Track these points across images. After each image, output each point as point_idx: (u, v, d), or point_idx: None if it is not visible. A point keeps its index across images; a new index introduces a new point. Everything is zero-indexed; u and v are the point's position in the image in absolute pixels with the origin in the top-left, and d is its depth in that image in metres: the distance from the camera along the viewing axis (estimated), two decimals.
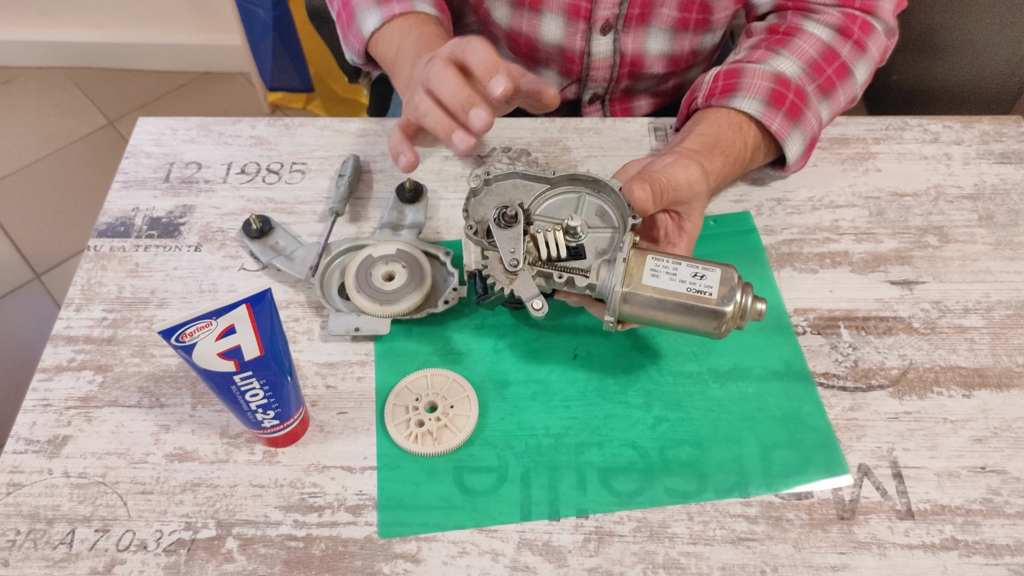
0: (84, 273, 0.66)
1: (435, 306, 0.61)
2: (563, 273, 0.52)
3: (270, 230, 0.66)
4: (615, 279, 0.50)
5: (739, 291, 0.50)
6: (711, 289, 0.49)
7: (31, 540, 0.52)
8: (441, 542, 0.52)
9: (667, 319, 0.51)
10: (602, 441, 0.56)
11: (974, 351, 0.60)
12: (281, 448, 0.56)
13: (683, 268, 0.50)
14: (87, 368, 0.60)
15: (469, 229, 0.54)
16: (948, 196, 0.70)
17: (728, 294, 0.49)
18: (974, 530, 0.52)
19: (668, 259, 0.51)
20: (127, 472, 0.55)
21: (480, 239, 0.54)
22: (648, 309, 0.50)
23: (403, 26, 0.70)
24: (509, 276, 0.52)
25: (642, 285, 0.50)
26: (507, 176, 0.57)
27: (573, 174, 0.56)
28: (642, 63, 0.79)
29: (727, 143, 0.63)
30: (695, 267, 0.50)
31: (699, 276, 0.50)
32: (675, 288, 0.50)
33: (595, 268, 0.52)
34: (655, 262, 0.51)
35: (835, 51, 0.67)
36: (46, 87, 2.00)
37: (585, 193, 0.56)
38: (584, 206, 0.56)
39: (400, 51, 0.69)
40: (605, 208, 0.56)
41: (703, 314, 0.50)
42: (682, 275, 0.50)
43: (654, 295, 0.50)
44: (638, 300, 0.50)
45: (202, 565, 0.51)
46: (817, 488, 0.54)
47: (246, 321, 0.46)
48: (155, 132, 0.76)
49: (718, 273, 0.50)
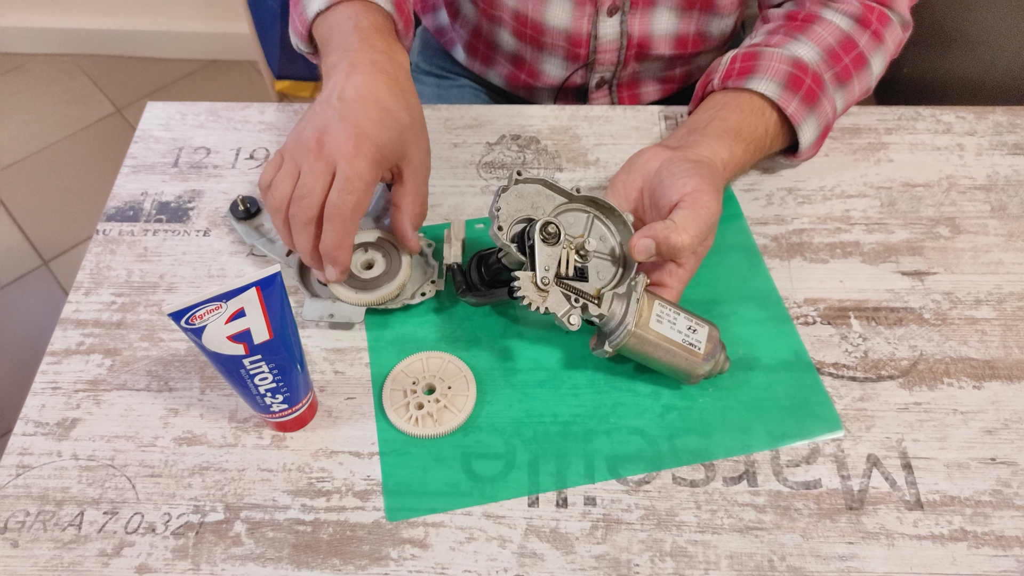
0: (93, 257, 0.66)
1: (411, 297, 0.61)
2: (580, 298, 0.54)
3: (257, 212, 0.66)
4: (629, 319, 0.53)
5: (719, 350, 0.55)
6: (700, 344, 0.54)
7: (40, 522, 0.52)
8: (449, 528, 0.52)
9: (655, 360, 0.55)
10: (610, 429, 0.56)
11: (985, 343, 0.60)
12: (289, 433, 0.56)
13: (681, 319, 0.54)
14: (96, 352, 0.60)
15: (499, 231, 0.54)
16: (960, 187, 0.70)
17: (712, 351, 0.54)
18: (983, 521, 0.52)
19: (670, 308, 0.55)
20: (136, 455, 0.55)
21: (508, 242, 0.54)
22: (646, 349, 0.54)
23: (347, 11, 0.61)
24: (542, 294, 0.53)
25: (648, 328, 0.53)
26: (534, 181, 0.57)
27: (594, 197, 0.57)
28: (649, 45, 0.79)
29: (750, 129, 0.62)
30: (690, 320, 0.55)
31: (692, 330, 0.54)
32: (673, 337, 0.54)
33: (607, 300, 0.54)
34: (660, 308, 0.54)
35: (853, 40, 0.66)
36: (54, 74, 2.01)
37: (595, 215, 0.57)
38: (592, 227, 0.57)
39: (332, 38, 0.61)
40: (608, 235, 0.57)
41: (690, 365, 0.54)
42: (679, 326, 0.54)
43: (656, 340, 0.53)
44: (641, 340, 0.53)
45: (210, 548, 0.51)
46: (825, 478, 0.53)
47: (256, 304, 0.46)
48: (164, 117, 0.76)
49: (706, 330, 0.55)
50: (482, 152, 0.73)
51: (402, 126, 0.56)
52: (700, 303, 0.62)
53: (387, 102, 0.55)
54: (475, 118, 0.76)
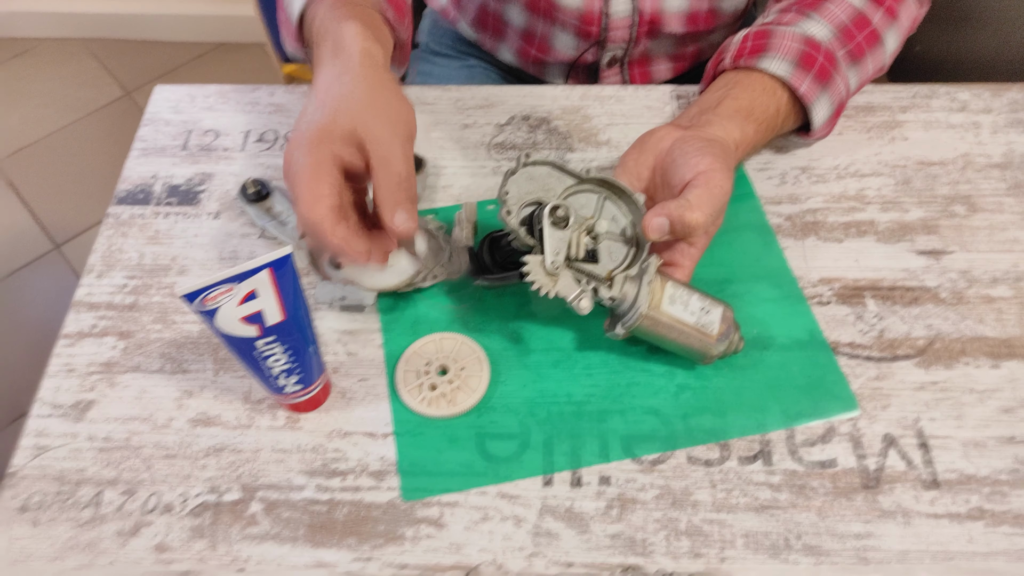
0: (105, 240, 0.66)
1: (423, 280, 0.60)
2: (591, 281, 0.53)
3: (267, 194, 0.66)
4: (641, 301, 0.52)
5: (733, 330, 0.55)
6: (713, 325, 0.54)
7: (59, 501, 0.52)
8: (463, 507, 0.52)
9: (669, 341, 0.54)
10: (624, 409, 0.56)
11: (1002, 321, 0.59)
12: (303, 414, 0.56)
13: (694, 300, 0.54)
14: (109, 334, 0.60)
15: (507, 215, 0.54)
16: (976, 165, 0.69)
17: (725, 332, 0.54)
18: (1001, 500, 0.51)
19: (683, 289, 0.54)
20: (151, 437, 0.55)
21: (516, 226, 0.54)
22: (659, 331, 0.54)
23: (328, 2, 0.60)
24: (552, 279, 0.52)
25: (660, 310, 0.53)
26: (543, 163, 0.56)
27: (604, 178, 0.56)
28: (661, 21, 0.78)
29: (761, 108, 0.62)
30: (703, 301, 0.54)
31: (705, 311, 0.54)
32: (686, 318, 0.53)
33: (619, 282, 0.53)
34: (673, 290, 0.54)
35: (866, 17, 0.65)
36: (63, 58, 2.00)
37: (605, 196, 0.57)
38: (602, 209, 0.56)
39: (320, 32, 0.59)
40: (619, 216, 0.56)
41: (702, 345, 0.54)
42: (692, 307, 0.54)
43: (670, 321, 0.53)
44: (654, 322, 0.53)
45: (227, 528, 0.51)
46: (841, 457, 0.53)
47: (268, 285, 0.46)
48: (173, 100, 0.76)
49: (720, 311, 0.54)
50: (493, 133, 0.72)
51: (355, 109, 0.52)
52: (713, 283, 0.61)
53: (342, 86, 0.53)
54: (486, 98, 0.75)
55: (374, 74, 0.54)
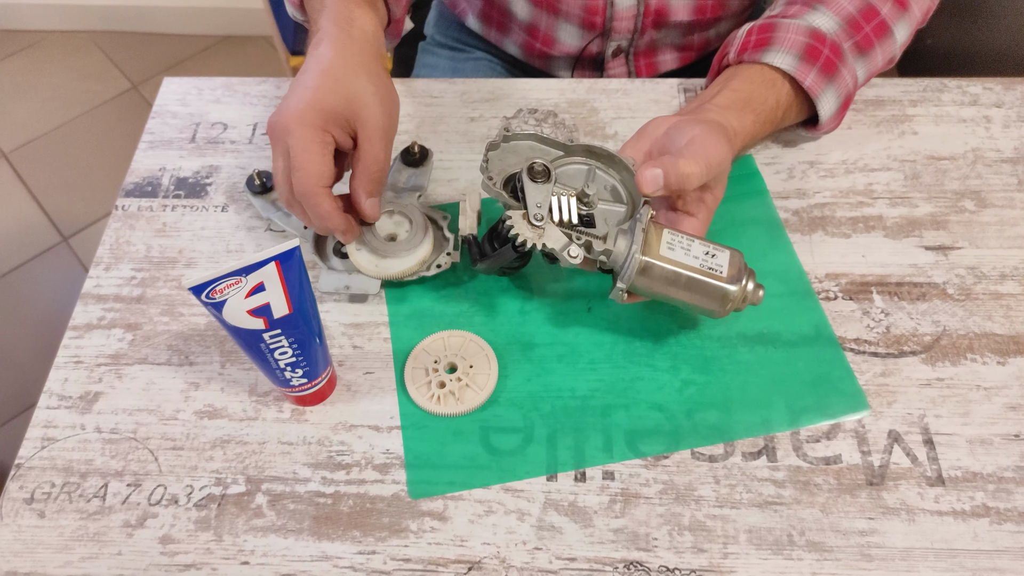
0: (112, 232, 0.66)
1: (427, 269, 0.60)
2: (581, 235, 0.52)
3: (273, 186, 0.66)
4: (635, 247, 0.50)
5: (745, 273, 0.52)
6: (721, 268, 0.51)
7: (66, 493, 0.53)
8: (467, 501, 0.52)
9: (677, 293, 0.52)
10: (629, 403, 0.56)
11: (1010, 318, 0.59)
12: (309, 407, 0.56)
13: (696, 245, 0.52)
14: (117, 326, 0.60)
15: (489, 181, 0.54)
16: (987, 160, 0.68)
17: (736, 274, 0.51)
18: (1006, 497, 0.51)
19: (683, 236, 0.52)
20: (157, 428, 0.55)
21: (500, 190, 0.54)
22: (661, 280, 0.51)
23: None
24: (537, 230, 0.52)
25: (659, 256, 0.51)
26: (526, 137, 0.56)
27: (589, 145, 0.56)
28: (667, 11, 0.78)
29: (759, 100, 0.61)
30: (707, 246, 0.52)
31: (710, 255, 0.51)
32: (689, 263, 0.51)
33: (612, 236, 0.52)
34: (670, 236, 0.52)
35: (875, 8, 0.65)
36: (70, 51, 2.01)
37: (596, 167, 0.56)
38: (594, 179, 0.56)
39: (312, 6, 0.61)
40: (615, 185, 0.56)
41: (713, 290, 0.51)
42: (695, 251, 0.51)
43: (670, 266, 0.51)
44: (654, 271, 0.51)
45: (232, 520, 0.51)
46: (845, 453, 0.53)
47: (275, 278, 0.46)
48: (180, 92, 0.76)
49: (727, 254, 0.52)
50: (499, 126, 0.72)
51: (351, 91, 0.55)
52: None
53: (337, 68, 0.56)
54: (492, 92, 0.75)
55: (371, 57, 0.58)
